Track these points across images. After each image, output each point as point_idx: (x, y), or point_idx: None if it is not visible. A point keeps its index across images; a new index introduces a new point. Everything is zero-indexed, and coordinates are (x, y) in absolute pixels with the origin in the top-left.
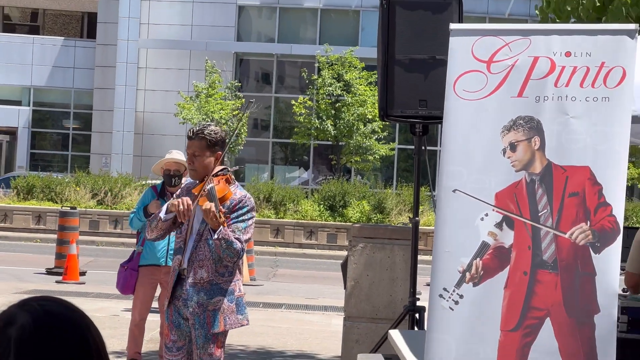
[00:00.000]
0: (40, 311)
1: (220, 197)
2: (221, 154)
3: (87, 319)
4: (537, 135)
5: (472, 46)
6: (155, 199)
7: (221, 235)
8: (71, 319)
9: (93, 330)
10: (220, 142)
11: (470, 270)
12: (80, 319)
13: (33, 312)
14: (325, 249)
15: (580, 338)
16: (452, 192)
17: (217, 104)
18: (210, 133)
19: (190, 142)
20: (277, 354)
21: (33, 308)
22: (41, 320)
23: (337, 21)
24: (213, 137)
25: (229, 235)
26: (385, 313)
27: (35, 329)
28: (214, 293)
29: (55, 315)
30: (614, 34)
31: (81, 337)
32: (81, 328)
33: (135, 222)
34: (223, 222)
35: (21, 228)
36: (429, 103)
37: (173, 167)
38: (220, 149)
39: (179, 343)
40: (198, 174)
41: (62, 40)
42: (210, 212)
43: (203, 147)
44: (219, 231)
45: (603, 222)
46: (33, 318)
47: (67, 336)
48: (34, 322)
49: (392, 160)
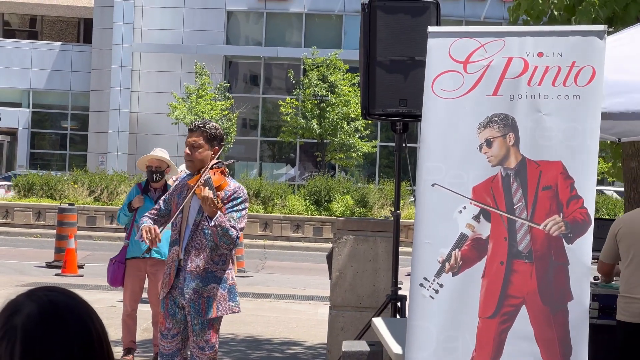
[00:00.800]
0: (45, 300)
1: (217, 187)
2: (218, 150)
3: (90, 308)
4: (512, 132)
5: (449, 48)
6: (140, 194)
7: (218, 222)
8: (75, 309)
9: (95, 319)
10: (218, 138)
11: (450, 261)
12: (84, 308)
13: (39, 302)
14: (312, 242)
15: (555, 324)
16: (431, 187)
17: (207, 105)
18: (210, 128)
19: (191, 134)
20: (266, 341)
21: (39, 297)
22: (46, 309)
23: (321, 25)
24: (213, 132)
25: (225, 223)
26: (369, 302)
27: (41, 318)
28: (209, 280)
29: (59, 305)
30: (584, 35)
31: (84, 325)
32: (84, 317)
33: (122, 217)
34: (221, 208)
35: (22, 224)
36: (409, 102)
37: (155, 164)
38: (218, 145)
39: (173, 330)
40: (194, 165)
41: (59, 45)
42: (209, 199)
43: (203, 140)
44: (215, 218)
45: (575, 214)
46: (39, 307)
47: (71, 325)
48: (40, 311)
49: (374, 157)
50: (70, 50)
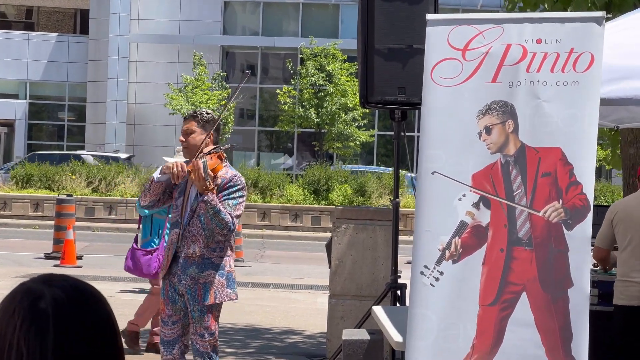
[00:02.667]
0: (67, 285)
1: (211, 168)
2: (214, 135)
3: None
4: (511, 119)
5: (448, 35)
6: None
7: (207, 198)
8: (96, 293)
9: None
10: (211, 122)
11: (450, 248)
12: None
13: (61, 287)
14: (310, 231)
15: (555, 311)
16: (431, 175)
17: (204, 94)
18: (202, 113)
19: (184, 122)
20: (266, 331)
21: (60, 283)
22: (72, 294)
23: (318, 15)
24: (205, 116)
25: (216, 202)
26: (369, 290)
27: (70, 303)
28: (205, 267)
29: (83, 290)
30: (583, 22)
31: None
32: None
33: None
34: (212, 189)
35: (20, 215)
36: (408, 90)
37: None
38: (212, 129)
39: (174, 317)
40: (190, 151)
41: (56, 36)
42: (199, 173)
43: (195, 125)
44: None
45: (574, 200)
46: (64, 292)
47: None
48: (67, 295)
49: (372, 146)
50: (67, 42)
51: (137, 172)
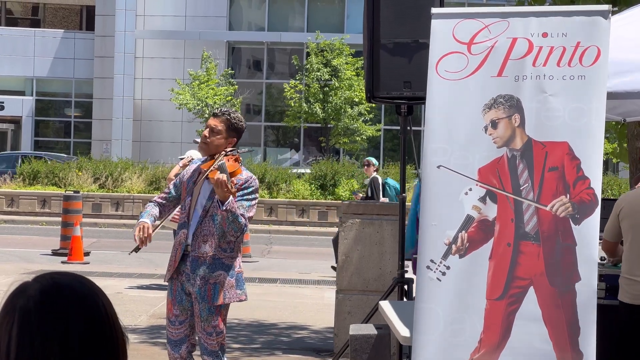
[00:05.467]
0: (49, 282)
1: (230, 172)
2: (235, 142)
3: (99, 293)
4: (517, 113)
5: (453, 29)
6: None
7: (229, 207)
8: (79, 292)
9: (104, 304)
10: (239, 131)
11: (456, 243)
12: (90, 292)
13: (43, 282)
14: (317, 226)
15: (563, 305)
16: (437, 169)
17: (210, 89)
18: (235, 118)
19: (214, 118)
20: (272, 326)
21: (44, 279)
22: (48, 290)
23: (324, 10)
24: (235, 122)
25: (236, 208)
26: (375, 285)
27: (41, 299)
28: (216, 267)
29: (62, 287)
30: (589, 15)
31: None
32: (89, 300)
33: None
34: (233, 193)
35: (27, 212)
36: (413, 84)
37: None
38: (236, 137)
39: (181, 317)
40: (209, 149)
41: (62, 32)
42: (222, 182)
43: (224, 126)
44: (227, 202)
45: (582, 195)
46: (41, 288)
47: (73, 308)
48: (41, 292)
49: (378, 141)
50: (73, 38)
51: (144, 168)
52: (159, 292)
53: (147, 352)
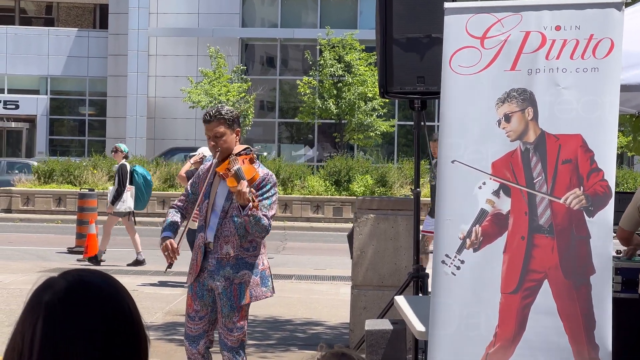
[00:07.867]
0: (76, 279)
1: (249, 179)
2: (240, 130)
3: (124, 292)
4: (531, 106)
5: (466, 23)
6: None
7: (250, 212)
8: (105, 290)
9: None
10: (237, 119)
11: (470, 237)
12: (115, 290)
13: (69, 279)
14: (332, 222)
15: (578, 298)
16: (451, 163)
17: (222, 86)
18: (227, 112)
19: (209, 125)
20: (287, 322)
21: (71, 276)
22: (74, 287)
23: (337, 6)
24: (230, 115)
25: (257, 211)
26: (391, 280)
27: (67, 295)
28: (240, 267)
29: (89, 284)
30: (602, 7)
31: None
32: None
33: None
34: (256, 206)
35: (43, 210)
36: (427, 79)
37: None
38: (238, 126)
39: (201, 312)
40: (223, 153)
41: (76, 31)
42: (244, 194)
43: (224, 127)
44: (247, 207)
45: (596, 187)
46: (67, 284)
47: (97, 304)
48: (67, 288)
49: (392, 136)
50: (87, 36)
51: (158, 165)
52: (174, 290)
53: (163, 349)
